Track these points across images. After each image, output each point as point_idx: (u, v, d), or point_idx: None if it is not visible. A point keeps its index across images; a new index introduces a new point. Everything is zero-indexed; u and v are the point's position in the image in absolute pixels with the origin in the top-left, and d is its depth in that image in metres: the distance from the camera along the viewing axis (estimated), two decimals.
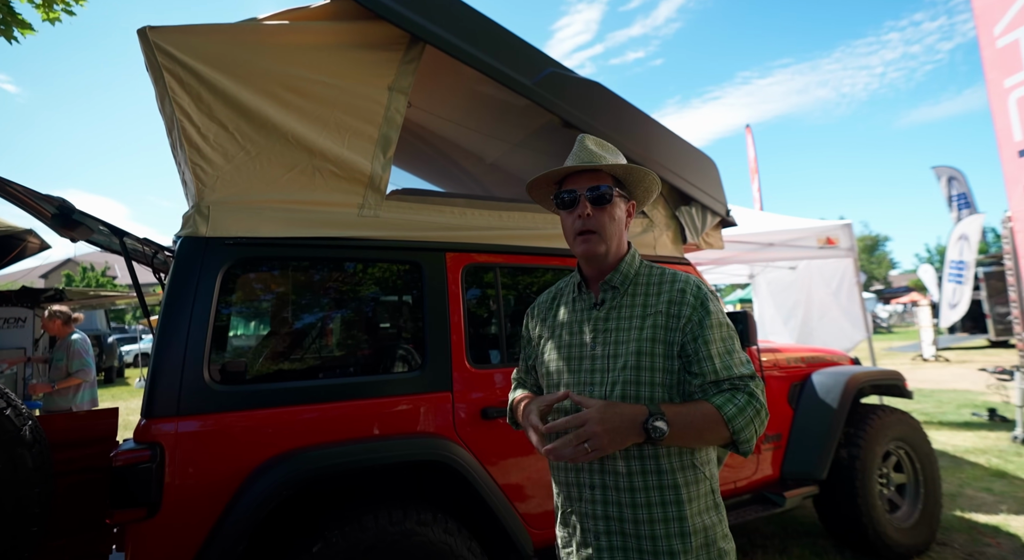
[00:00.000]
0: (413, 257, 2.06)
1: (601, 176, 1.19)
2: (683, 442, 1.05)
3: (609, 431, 0.97)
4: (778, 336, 7.13)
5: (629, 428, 0.99)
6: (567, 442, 0.98)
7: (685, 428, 1.02)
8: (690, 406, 1.05)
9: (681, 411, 1.03)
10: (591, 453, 0.97)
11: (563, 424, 1.00)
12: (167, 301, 1.63)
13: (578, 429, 0.98)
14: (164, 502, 1.48)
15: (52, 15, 3.80)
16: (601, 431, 0.97)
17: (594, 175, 1.19)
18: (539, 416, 1.09)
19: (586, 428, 0.97)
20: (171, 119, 1.81)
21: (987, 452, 4.97)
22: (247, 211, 1.82)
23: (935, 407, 7.08)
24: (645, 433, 1.00)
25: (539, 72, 2.45)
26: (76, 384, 4.14)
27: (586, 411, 0.99)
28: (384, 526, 1.64)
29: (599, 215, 1.17)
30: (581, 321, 1.21)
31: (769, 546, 3.17)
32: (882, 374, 3.20)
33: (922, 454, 3.15)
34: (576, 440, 0.97)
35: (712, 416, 1.03)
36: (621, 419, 0.99)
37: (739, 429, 1.03)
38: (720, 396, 1.05)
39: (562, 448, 0.98)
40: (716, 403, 1.04)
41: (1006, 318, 12.27)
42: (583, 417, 0.98)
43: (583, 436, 0.97)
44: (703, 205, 2.88)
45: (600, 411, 0.99)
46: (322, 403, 1.75)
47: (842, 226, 5.47)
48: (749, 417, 1.04)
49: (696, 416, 1.03)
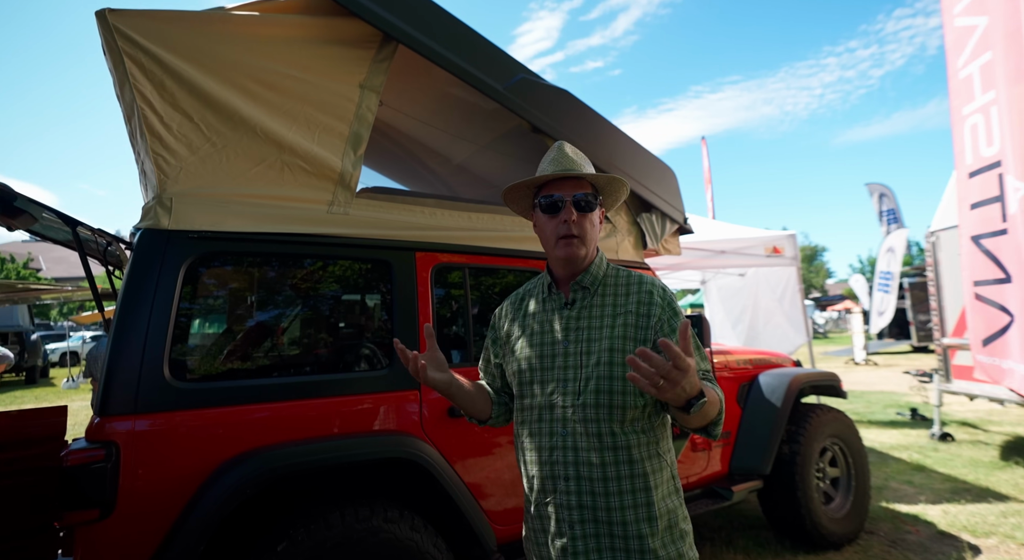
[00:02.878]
0: (383, 256, 2.06)
1: (583, 184, 1.25)
2: (697, 422, 1.05)
3: (684, 389, 0.92)
4: (727, 339, 7.48)
5: (687, 395, 0.96)
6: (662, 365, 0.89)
7: (708, 407, 1.02)
8: (711, 391, 1.04)
9: (711, 396, 1.03)
10: (660, 389, 0.90)
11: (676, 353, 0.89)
12: (125, 295, 1.57)
13: (676, 370, 0.89)
14: (119, 503, 1.43)
15: None
16: (682, 385, 0.91)
17: (577, 183, 1.25)
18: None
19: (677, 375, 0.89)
20: (131, 107, 1.74)
21: (909, 448, 5.40)
22: (212, 204, 1.77)
23: (865, 407, 7.61)
24: (688, 405, 0.97)
25: (511, 77, 2.50)
26: None
27: (689, 363, 0.91)
28: (351, 524, 1.63)
29: (582, 221, 1.23)
30: (552, 320, 1.26)
31: (716, 538, 3.34)
32: (821, 375, 3.43)
33: (854, 450, 3.40)
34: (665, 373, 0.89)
35: (714, 399, 1.05)
36: (691, 386, 0.95)
37: (718, 414, 1.09)
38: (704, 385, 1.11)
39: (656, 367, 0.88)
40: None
41: (927, 325, 13.32)
42: (687, 365, 0.90)
43: (672, 375, 0.89)
44: (663, 212, 3.01)
45: (692, 372, 0.92)
46: (288, 401, 1.73)
47: (787, 236, 5.82)
48: (721, 407, 1.11)
49: (714, 397, 1.05)
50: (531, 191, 1.32)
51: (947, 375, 5.65)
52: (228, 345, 1.85)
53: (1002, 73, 3.57)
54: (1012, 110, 3.50)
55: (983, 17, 3.72)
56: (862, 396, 8.56)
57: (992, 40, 3.65)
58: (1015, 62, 3.47)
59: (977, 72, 3.82)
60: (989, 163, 3.73)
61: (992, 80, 3.68)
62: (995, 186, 3.66)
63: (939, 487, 4.21)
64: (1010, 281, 3.55)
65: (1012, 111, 3.50)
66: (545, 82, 2.65)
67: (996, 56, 3.62)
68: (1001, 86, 3.59)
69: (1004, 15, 3.53)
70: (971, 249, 3.91)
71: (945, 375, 5.66)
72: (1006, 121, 3.55)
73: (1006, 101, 3.55)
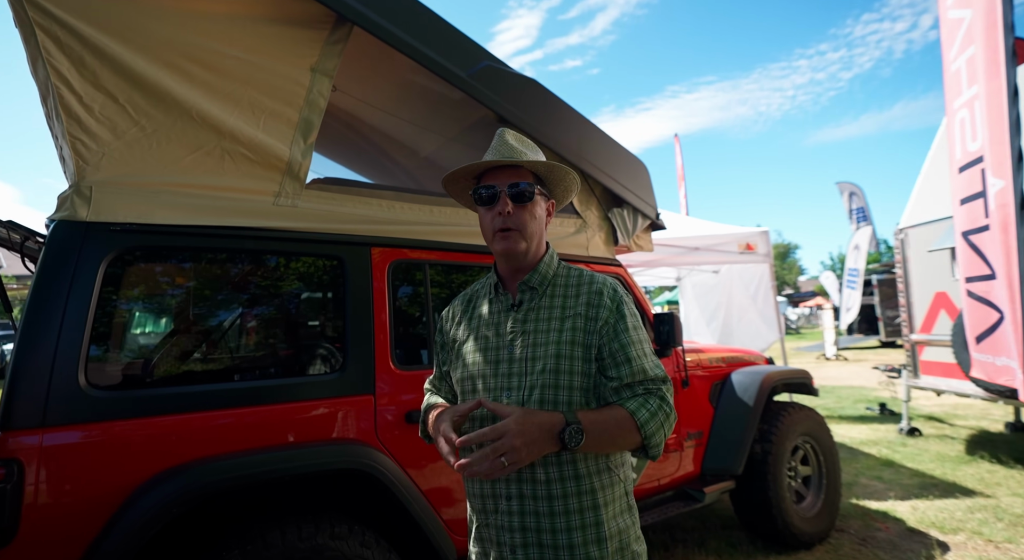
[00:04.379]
0: (335, 251, 1.92)
1: (522, 173, 1.16)
2: (598, 449, 1.03)
3: (527, 443, 0.92)
4: (701, 337, 7.49)
5: (546, 438, 0.95)
6: (483, 456, 0.91)
7: (600, 435, 1.00)
8: (604, 412, 1.03)
9: (597, 418, 1.01)
10: (508, 467, 0.92)
11: (478, 437, 0.93)
12: (34, 293, 1.40)
13: (495, 442, 0.91)
14: (21, 528, 1.27)
15: None
16: (520, 444, 0.91)
17: (515, 171, 1.15)
18: (452, 426, 1.02)
19: (504, 441, 0.91)
20: (45, 85, 1.57)
21: (878, 443, 5.46)
22: (140, 194, 1.61)
23: (835, 402, 7.72)
24: (561, 443, 0.96)
25: (474, 64, 2.38)
26: None
27: (503, 422, 0.93)
28: (292, 542, 1.50)
29: (520, 213, 1.13)
30: (498, 323, 1.16)
31: (689, 540, 3.29)
32: (793, 373, 3.40)
33: (825, 448, 3.39)
34: (493, 454, 0.91)
35: (625, 422, 1.02)
36: (539, 430, 0.95)
37: (650, 434, 1.02)
38: (633, 400, 1.04)
39: (477, 463, 0.91)
40: (629, 408, 1.03)
41: (895, 321, 13.67)
42: (500, 429, 0.92)
43: (500, 449, 0.91)
44: (634, 208, 2.93)
45: (518, 422, 0.93)
46: (224, 409, 1.58)
47: (760, 233, 5.83)
48: (660, 422, 1.04)
49: (611, 422, 1.01)
50: (471, 182, 1.21)
51: (915, 370, 5.73)
52: (156, 349, 1.69)
53: (982, 67, 3.56)
54: (990, 105, 3.50)
55: (968, 10, 3.70)
56: (832, 391, 8.70)
57: (975, 33, 3.63)
58: (993, 56, 3.46)
59: (964, 65, 3.79)
60: (973, 158, 3.72)
61: (975, 74, 3.66)
62: (979, 182, 3.65)
63: (908, 482, 4.25)
64: (995, 278, 3.55)
65: (990, 106, 3.50)
66: (511, 70, 2.53)
67: (978, 49, 3.60)
68: (981, 80, 3.58)
69: (985, 8, 3.51)
70: (962, 245, 3.90)
71: (913, 370, 5.74)
72: (985, 116, 3.55)
73: (985, 95, 3.55)
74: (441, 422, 1.04)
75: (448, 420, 1.03)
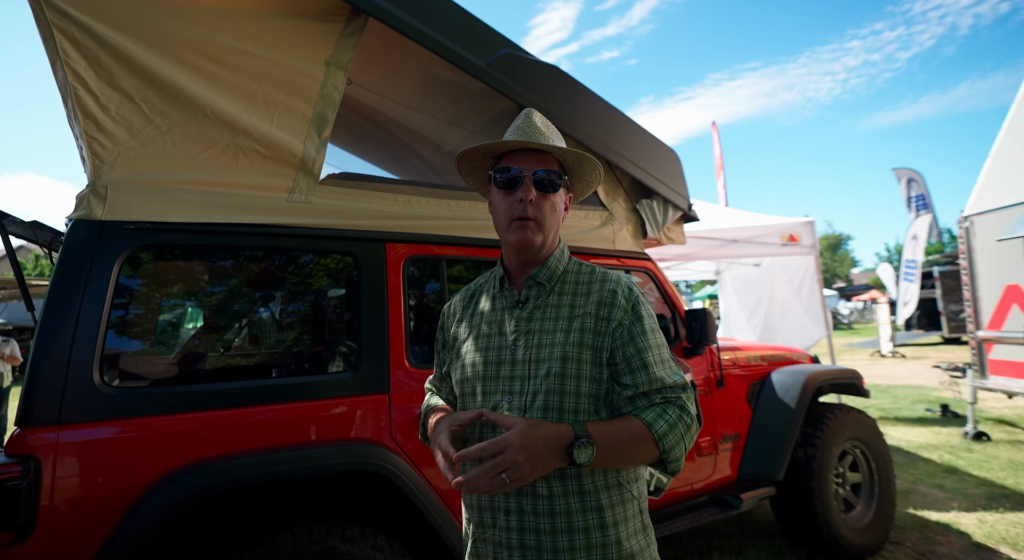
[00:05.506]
0: (348, 247, 1.89)
1: (548, 159, 1.06)
2: (610, 464, 0.94)
3: (531, 459, 0.84)
4: (742, 333, 7.17)
5: (553, 453, 0.87)
6: (482, 473, 0.83)
7: (613, 449, 0.91)
8: (618, 423, 0.94)
9: (609, 430, 0.92)
10: (510, 484, 0.84)
11: (477, 452, 0.86)
12: (51, 292, 1.42)
13: (495, 458, 0.84)
14: (38, 525, 1.29)
15: None
16: (523, 459, 0.84)
17: (541, 157, 1.05)
18: (450, 437, 0.95)
19: (505, 456, 0.83)
20: (64, 86, 1.59)
21: (939, 448, 5.07)
22: (154, 192, 1.62)
23: (891, 403, 7.25)
24: (569, 458, 0.87)
25: (493, 53, 2.30)
26: None
27: (505, 435, 0.85)
28: (302, 544, 1.48)
29: (542, 202, 1.03)
30: (501, 321, 1.08)
31: (726, 547, 3.12)
32: (840, 373, 3.17)
33: (877, 453, 3.14)
34: (493, 470, 0.83)
35: (641, 434, 0.93)
36: (544, 444, 0.86)
37: (669, 448, 0.93)
38: (650, 411, 0.96)
39: (476, 480, 0.84)
40: (646, 419, 0.94)
41: (959, 316, 12.73)
42: (502, 443, 0.84)
43: (501, 466, 0.83)
44: (665, 198, 2.78)
45: (521, 435, 0.85)
46: (235, 408, 1.57)
47: (804, 223, 5.49)
48: (680, 434, 0.94)
49: (624, 435, 0.92)
50: (488, 162, 1.12)
51: (982, 370, 5.29)
52: (171, 347, 1.70)
53: None
54: None
55: None
56: (888, 391, 8.18)
57: None
58: None
59: None
60: None
61: None
62: None
63: (974, 492, 3.91)
64: None
65: None
66: (532, 58, 2.44)
67: None
68: None
69: None
70: None
71: (980, 370, 5.31)
72: None
73: None
74: (439, 432, 0.97)
75: (446, 431, 0.96)
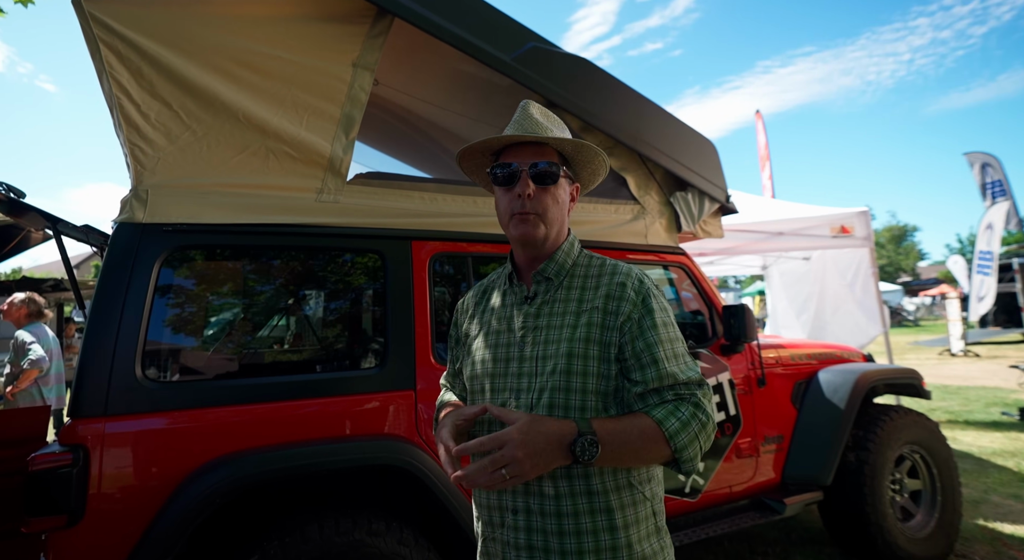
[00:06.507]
0: (375, 246, 1.92)
1: (546, 151, 1.04)
2: (617, 463, 0.91)
3: (532, 455, 0.82)
4: (791, 331, 6.83)
5: (555, 450, 0.84)
6: (482, 468, 0.82)
7: (620, 447, 0.87)
8: (625, 421, 0.90)
9: (615, 427, 0.88)
10: (510, 480, 0.82)
11: (476, 446, 0.85)
12: (97, 292, 1.52)
13: (495, 452, 0.82)
14: (87, 510, 1.37)
15: None
16: (523, 455, 0.82)
17: (538, 149, 1.03)
18: (453, 432, 0.94)
19: (505, 452, 0.82)
20: (110, 96, 1.69)
21: (1016, 455, 4.67)
22: (190, 195, 1.69)
23: (961, 405, 6.74)
24: (572, 455, 0.84)
25: (519, 47, 2.28)
26: (30, 380, 3.82)
27: (505, 430, 0.84)
28: (330, 536, 1.51)
29: (541, 196, 1.02)
30: (511, 317, 1.06)
31: (770, 553, 2.99)
32: (896, 372, 2.97)
33: (939, 459, 2.92)
34: (492, 466, 0.81)
35: (651, 432, 0.88)
36: (546, 440, 0.84)
37: (681, 447, 0.88)
38: (661, 408, 0.91)
39: (475, 475, 0.82)
40: (656, 416, 0.90)
41: None
42: (501, 438, 0.83)
43: (500, 461, 0.81)
44: (700, 190, 2.68)
45: (522, 430, 0.83)
46: (268, 403, 1.62)
47: (858, 214, 5.14)
48: (693, 432, 0.89)
49: (632, 433, 0.88)
50: (489, 159, 1.11)
51: None
52: (205, 343, 1.78)
53: None
54: None
55: None
56: (958, 392, 7.60)
57: None
58: None
59: None
60: None
61: None
62: None
63: None
64: None
65: None
66: (559, 50, 2.40)
67: None
68: None
69: None
70: None
71: None
72: None
73: None
74: (443, 427, 0.97)
75: (450, 425, 0.95)
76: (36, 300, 4.04)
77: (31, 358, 3.73)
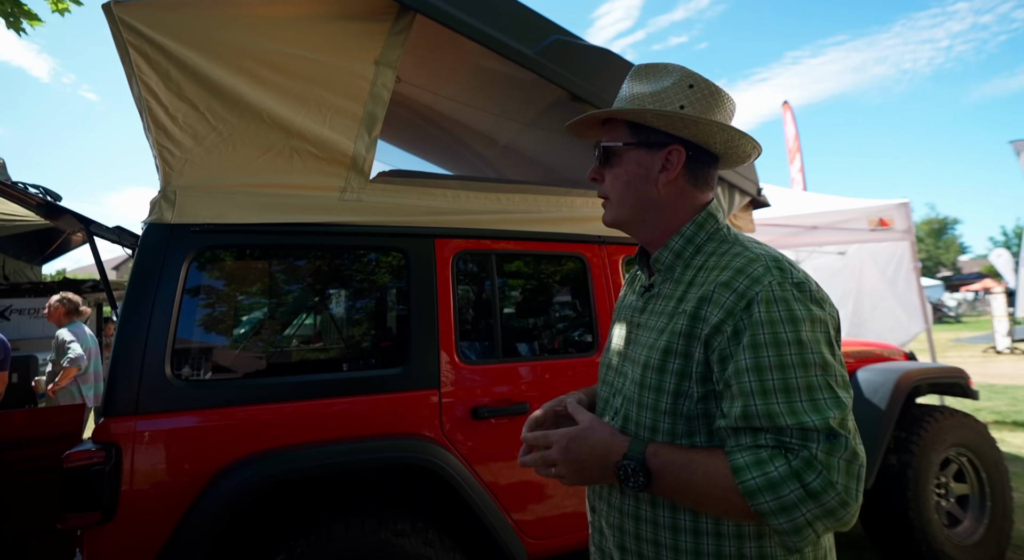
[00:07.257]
0: (398, 244, 1.91)
1: (613, 126, 0.91)
2: (678, 501, 0.78)
3: (570, 462, 0.81)
4: None
5: (598, 465, 0.80)
6: (533, 462, 0.85)
7: (678, 486, 0.74)
8: (694, 455, 0.75)
9: (676, 459, 0.75)
10: (562, 479, 0.84)
11: (532, 440, 0.87)
12: (128, 292, 1.54)
13: (544, 450, 0.84)
14: (120, 506, 1.40)
15: (61, 6, 3.77)
16: (562, 460, 0.81)
17: (609, 126, 0.92)
18: (532, 420, 0.93)
19: (547, 453, 0.83)
20: (139, 99, 1.72)
21: None
22: (217, 196, 1.71)
23: (1009, 405, 6.43)
24: (618, 478, 0.77)
25: (541, 40, 2.24)
26: (70, 378, 3.90)
27: (557, 431, 0.84)
28: (355, 536, 1.51)
29: (607, 176, 0.92)
30: (632, 306, 0.97)
31: None
32: (940, 371, 2.83)
33: (988, 463, 2.78)
34: (542, 463, 0.83)
35: (720, 479, 0.70)
36: (589, 452, 0.80)
37: (767, 512, 0.67)
38: (749, 454, 0.70)
39: (530, 466, 0.86)
40: (735, 463, 0.70)
41: None
42: (548, 439, 0.83)
43: (544, 461, 0.83)
44: (731, 183, 2.59)
45: (569, 435, 0.82)
46: (293, 401, 1.63)
47: (897, 206, 4.93)
48: (788, 500, 0.66)
49: (696, 472, 0.72)
50: None
51: None
52: (232, 342, 1.79)
53: None
54: None
55: None
56: (1005, 391, 7.26)
57: None
58: None
59: None
60: None
61: None
62: None
63: None
64: None
65: None
66: (583, 42, 2.35)
67: None
68: None
69: None
70: None
71: None
72: None
73: None
74: (534, 411, 0.95)
75: (541, 409, 0.94)
76: (71, 298, 4.18)
77: (70, 356, 3.86)
